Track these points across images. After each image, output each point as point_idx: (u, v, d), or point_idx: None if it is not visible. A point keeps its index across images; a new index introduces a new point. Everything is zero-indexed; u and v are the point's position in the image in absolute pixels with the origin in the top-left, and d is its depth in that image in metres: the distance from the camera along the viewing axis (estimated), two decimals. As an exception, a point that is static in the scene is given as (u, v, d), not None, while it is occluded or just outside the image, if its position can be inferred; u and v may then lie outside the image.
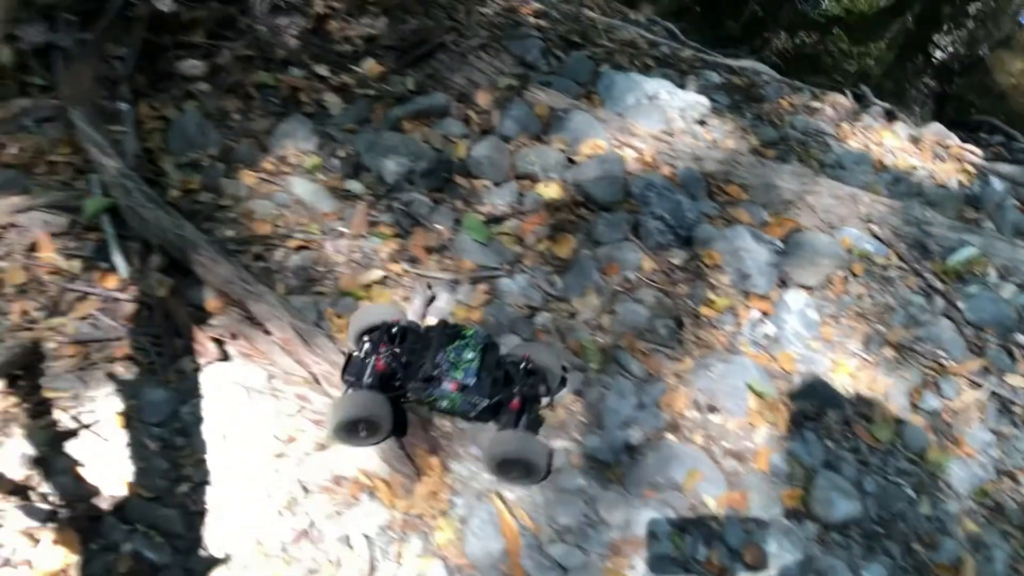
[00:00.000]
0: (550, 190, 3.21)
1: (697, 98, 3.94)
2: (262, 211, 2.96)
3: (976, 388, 2.91)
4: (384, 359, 2.35)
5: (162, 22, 3.47)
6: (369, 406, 2.27)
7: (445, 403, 2.37)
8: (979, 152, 4.66)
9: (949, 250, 3.36)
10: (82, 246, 2.70)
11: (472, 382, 2.32)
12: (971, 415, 2.84)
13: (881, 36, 8.89)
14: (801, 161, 3.98)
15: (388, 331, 2.44)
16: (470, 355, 2.37)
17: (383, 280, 2.80)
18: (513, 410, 2.37)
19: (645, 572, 2.22)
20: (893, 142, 4.53)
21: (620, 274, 2.94)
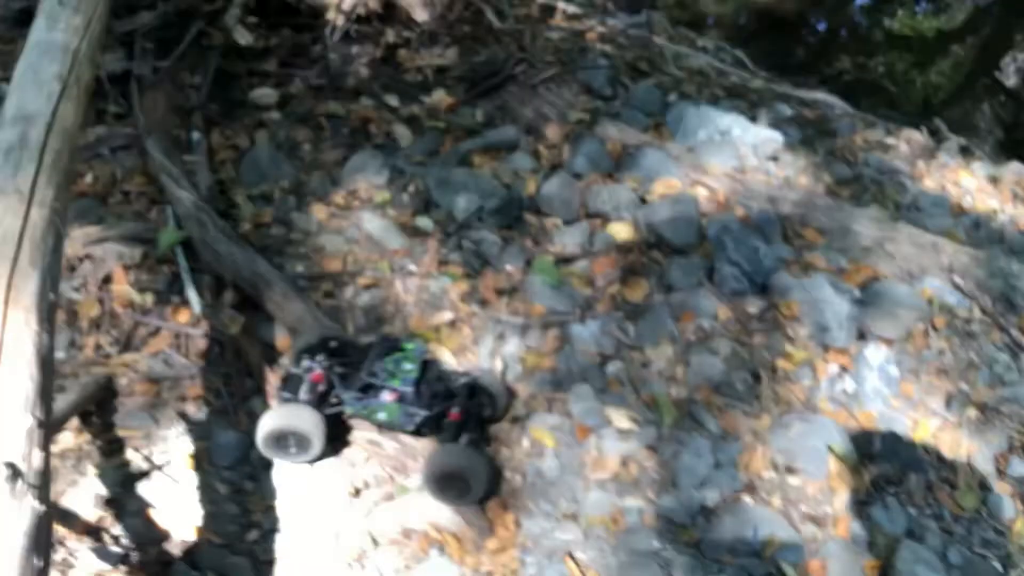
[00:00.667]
0: (622, 231, 3.14)
1: (770, 134, 3.84)
2: (332, 246, 2.94)
3: (1067, 455, 2.78)
4: (320, 371, 2.31)
5: (236, 50, 3.48)
6: (296, 418, 2.21)
7: (383, 415, 2.30)
8: (1061, 194, 4.47)
9: (1036, 305, 3.22)
10: (155, 279, 2.70)
11: (410, 391, 2.27)
12: (1062, 484, 2.70)
13: (945, 59, 8.66)
14: (877, 202, 3.85)
15: (326, 346, 2.39)
16: (409, 366, 2.32)
17: (452, 323, 2.76)
18: (453, 422, 2.28)
19: (722, 644, 2.15)
20: (971, 182, 4.36)
21: (695, 322, 2.85)
